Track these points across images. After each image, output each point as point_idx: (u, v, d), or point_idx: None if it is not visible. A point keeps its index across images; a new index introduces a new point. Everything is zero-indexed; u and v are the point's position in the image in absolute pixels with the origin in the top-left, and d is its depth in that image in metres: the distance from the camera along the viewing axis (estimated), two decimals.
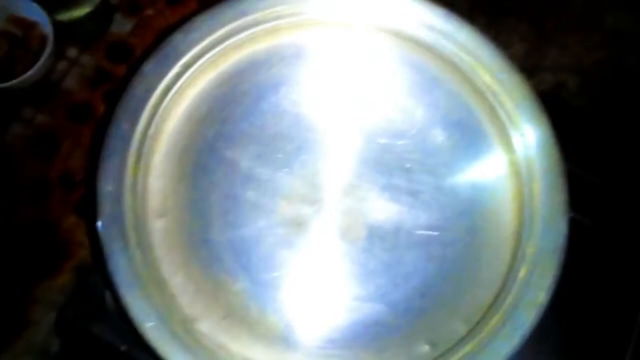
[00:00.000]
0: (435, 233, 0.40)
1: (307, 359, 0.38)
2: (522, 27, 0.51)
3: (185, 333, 0.35)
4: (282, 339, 0.38)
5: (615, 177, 0.48)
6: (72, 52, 0.52)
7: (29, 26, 0.50)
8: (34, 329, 0.46)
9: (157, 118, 0.38)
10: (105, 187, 0.35)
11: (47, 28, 0.49)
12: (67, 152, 0.50)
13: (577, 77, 0.50)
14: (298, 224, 0.40)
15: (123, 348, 0.41)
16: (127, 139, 0.37)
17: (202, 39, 0.39)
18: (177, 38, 0.38)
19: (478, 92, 0.39)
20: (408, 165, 0.41)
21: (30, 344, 0.46)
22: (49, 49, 0.48)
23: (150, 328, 0.34)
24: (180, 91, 0.39)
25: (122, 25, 0.53)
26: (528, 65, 0.49)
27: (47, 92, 0.51)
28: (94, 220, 0.35)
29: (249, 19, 0.39)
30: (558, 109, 0.39)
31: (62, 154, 0.50)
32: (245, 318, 0.38)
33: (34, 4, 0.49)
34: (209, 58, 0.39)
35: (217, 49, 0.39)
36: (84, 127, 0.51)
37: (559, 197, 0.37)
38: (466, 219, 0.40)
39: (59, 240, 0.48)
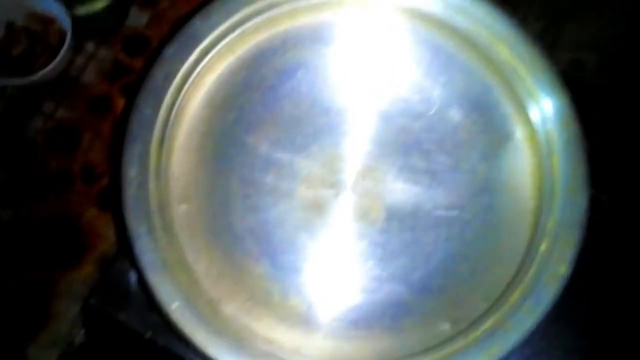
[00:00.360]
0: (454, 213, 0.40)
1: (328, 339, 0.38)
2: (538, 4, 0.51)
3: (210, 314, 0.35)
4: (304, 321, 0.38)
5: (634, 156, 0.47)
6: (90, 47, 0.53)
7: (47, 21, 0.51)
8: (58, 321, 0.47)
9: (177, 104, 0.39)
10: (130, 171, 0.36)
11: (65, 23, 0.50)
12: (88, 145, 0.51)
13: (595, 54, 0.50)
14: (317, 207, 0.41)
15: (148, 335, 0.41)
16: (149, 125, 0.37)
17: (219, 23, 0.39)
18: (196, 23, 0.39)
19: (495, 67, 0.39)
20: (425, 146, 0.41)
21: (55, 336, 0.47)
22: (67, 43, 0.49)
23: (176, 309, 0.34)
24: (199, 76, 0.39)
25: (137, 19, 0.53)
26: (544, 43, 0.48)
27: (67, 86, 0.52)
28: (120, 204, 0.36)
29: (265, 2, 0.39)
30: (577, 89, 0.39)
31: (82, 147, 0.51)
32: (267, 300, 0.38)
33: (52, 0, 0.50)
34: (227, 43, 0.40)
35: (235, 33, 0.40)
36: (103, 120, 0.51)
37: (579, 170, 0.36)
38: (485, 197, 0.40)
39: (81, 232, 0.49)
